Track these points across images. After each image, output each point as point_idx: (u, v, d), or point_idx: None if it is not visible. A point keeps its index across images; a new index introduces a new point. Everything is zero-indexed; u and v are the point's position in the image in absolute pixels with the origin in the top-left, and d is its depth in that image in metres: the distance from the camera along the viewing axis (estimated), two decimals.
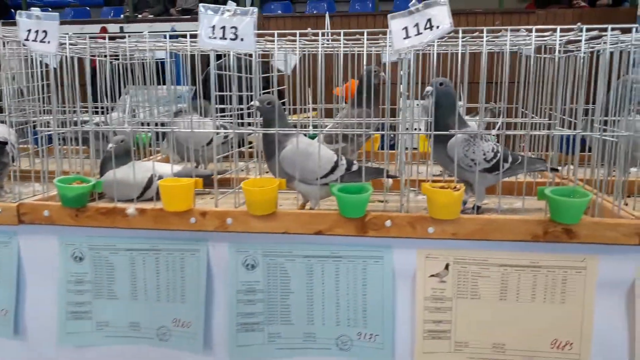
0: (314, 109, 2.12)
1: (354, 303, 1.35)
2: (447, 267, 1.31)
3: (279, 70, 1.88)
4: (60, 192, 1.32)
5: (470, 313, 1.32)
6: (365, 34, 1.30)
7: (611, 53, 1.35)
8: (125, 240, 1.40)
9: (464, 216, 1.23)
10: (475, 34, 1.34)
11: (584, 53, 1.44)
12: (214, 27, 1.24)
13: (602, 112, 1.50)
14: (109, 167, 1.48)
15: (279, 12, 7.98)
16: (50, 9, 8.87)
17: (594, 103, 1.42)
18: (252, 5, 7.33)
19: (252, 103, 1.37)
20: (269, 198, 1.24)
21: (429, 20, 1.17)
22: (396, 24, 1.20)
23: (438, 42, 1.23)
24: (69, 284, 1.44)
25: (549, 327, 1.30)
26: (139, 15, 7.75)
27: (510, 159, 1.38)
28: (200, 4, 1.25)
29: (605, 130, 1.36)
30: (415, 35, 1.18)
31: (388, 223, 1.24)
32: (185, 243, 1.38)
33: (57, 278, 1.43)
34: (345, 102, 2.00)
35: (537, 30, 1.32)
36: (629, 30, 1.32)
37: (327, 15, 1.78)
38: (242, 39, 1.24)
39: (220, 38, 1.24)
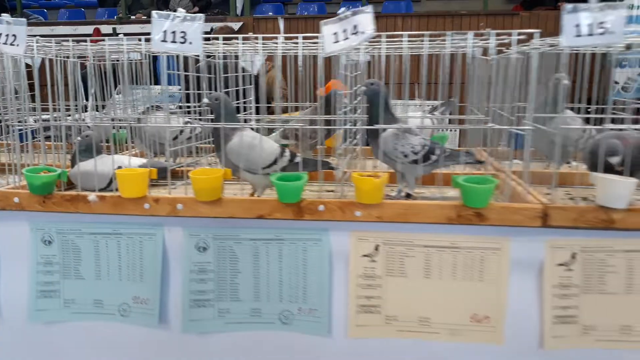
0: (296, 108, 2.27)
1: (295, 281, 1.49)
2: (377, 248, 1.45)
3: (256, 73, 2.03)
4: (28, 180, 1.46)
5: (399, 290, 1.46)
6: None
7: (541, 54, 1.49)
8: (90, 225, 1.54)
9: (387, 201, 1.38)
10: (438, 38, 1.49)
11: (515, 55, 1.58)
12: (165, 31, 1.38)
13: (536, 109, 1.66)
14: (76, 160, 1.62)
15: (270, 13, 8.12)
16: (45, 10, 9.05)
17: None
18: (243, 7, 7.49)
19: (203, 101, 1.51)
20: (214, 186, 1.38)
21: (355, 26, 1.32)
22: (327, 29, 1.35)
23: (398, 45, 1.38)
24: (39, 266, 1.58)
25: (469, 303, 1.44)
26: (133, 17, 7.89)
27: (437, 152, 1.52)
28: (153, 12, 1.39)
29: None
30: (344, 40, 1.33)
31: (321, 208, 1.38)
32: (143, 227, 1.52)
33: (28, 260, 1.57)
34: None
35: (476, 35, 1.47)
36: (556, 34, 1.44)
37: (280, 19, 1.92)
38: (190, 42, 1.39)
39: (171, 42, 1.39)
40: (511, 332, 1.43)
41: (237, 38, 1.60)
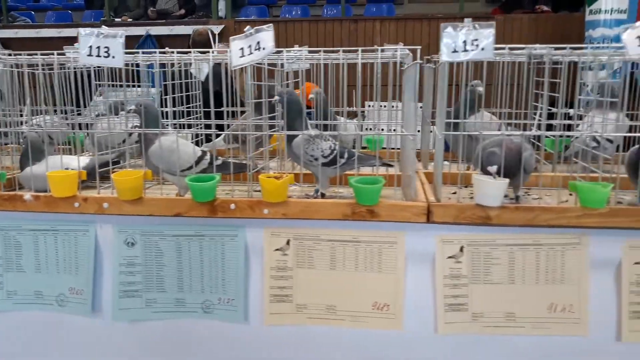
0: None
1: (215, 273, 1.64)
2: (288, 242, 1.60)
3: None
4: None
5: (308, 280, 1.61)
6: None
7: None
8: (30, 222, 1.68)
9: (291, 200, 1.53)
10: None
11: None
12: (91, 46, 1.52)
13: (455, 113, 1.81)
14: (23, 162, 1.77)
15: (253, 17, 8.25)
16: (32, 12, 9.17)
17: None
18: (225, 11, 7.63)
19: (128, 108, 1.65)
20: (133, 186, 1.53)
21: (258, 42, 1.46)
22: (235, 45, 1.49)
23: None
24: None
25: (371, 292, 1.59)
26: (119, 19, 8.02)
27: (346, 156, 1.66)
28: (80, 29, 1.53)
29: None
30: (249, 54, 1.47)
31: (232, 206, 1.53)
32: (78, 225, 1.66)
33: None
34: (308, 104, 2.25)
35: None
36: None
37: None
38: (113, 57, 1.53)
39: (96, 56, 1.53)
40: (410, 319, 1.58)
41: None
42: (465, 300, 1.55)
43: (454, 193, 1.70)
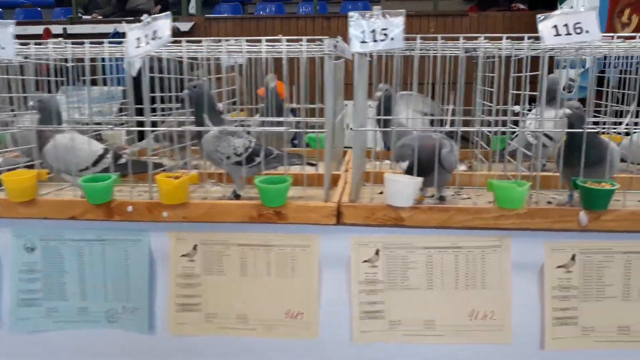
0: (242, 109, 2.29)
1: (118, 280, 1.53)
2: (195, 247, 1.49)
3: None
4: None
5: (218, 288, 1.50)
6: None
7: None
8: None
9: (192, 201, 1.42)
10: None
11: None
12: None
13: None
14: None
15: (225, 14, 8.11)
16: (0, 10, 8.95)
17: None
18: (196, 8, 7.49)
19: (30, 103, 1.54)
20: (25, 186, 1.41)
21: (155, 31, 1.36)
22: (132, 34, 1.38)
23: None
24: None
25: (283, 299, 1.49)
26: (89, 17, 7.86)
27: (262, 154, 1.56)
28: None
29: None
30: (145, 44, 1.37)
31: (130, 208, 1.42)
32: None
33: None
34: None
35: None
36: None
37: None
38: (3, 48, 1.42)
39: None
40: (325, 328, 1.48)
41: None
42: (382, 307, 1.46)
43: (381, 193, 1.60)
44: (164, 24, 1.35)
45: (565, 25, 1.28)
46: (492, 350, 1.45)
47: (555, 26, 1.28)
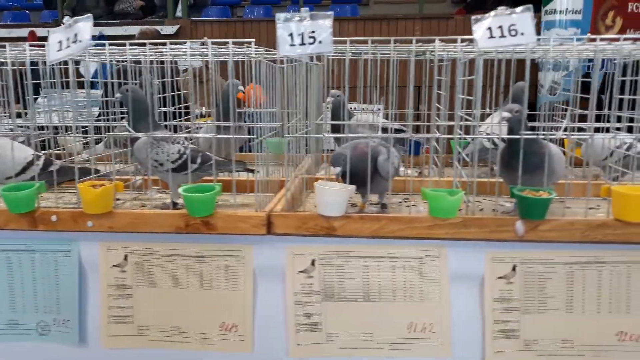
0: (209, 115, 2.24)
1: (49, 292, 1.47)
2: (126, 257, 1.44)
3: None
4: None
5: (149, 299, 1.45)
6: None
7: None
8: None
9: (117, 211, 1.37)
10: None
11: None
12: None
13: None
14: None
15: (213, 17, 8.07)
16: None
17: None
18: (182, 10, 7.45)
19: None
20: None
21: (76, 35, 1.31)
22: (53, 37, 1.34)
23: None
24: None
25: (217, 312, 1.44)
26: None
27: (199, 161, 1.51)
28: None
29: None
30: (66, 47, 1.32)
31: (54, 218, 1.37)
32: None
33: None
34: (248, 106, 2.10)
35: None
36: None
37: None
38: None
39: None
40: (260, 341, 1.43)
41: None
42: (318, 319, 1.41)
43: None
44: (84, 27, 1.30)
45: (500, 27, 1.23)
46: None
47: (489, 28, 1.24)
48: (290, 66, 1.64)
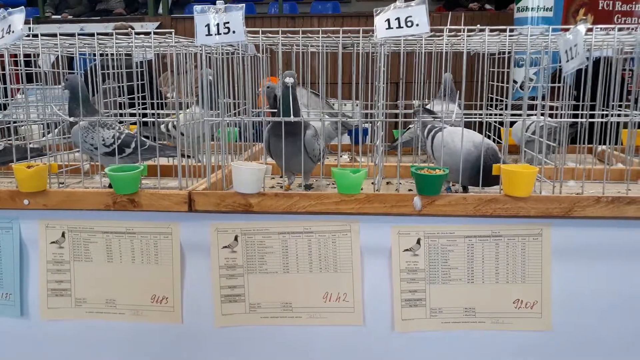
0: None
1: None
2: (63, 234, 1.54)
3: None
4: None
5: (86, 274, 1.55)
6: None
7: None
8: None
9: (51, 190, 1.48)
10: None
11: None
12: None
13: None
14: None
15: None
16: None
17: None
18: (162, 8, 7.53)
19: None
20: None
21: (9, 25, 1.41)
22: None
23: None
24: None
25: (149, 285, 1.54)
26: (59, 16, 7.87)
27: (133, 145, 1.61)
28: None
29: None
30: (1, 37, 1.42)
31: None
32: None
33: None
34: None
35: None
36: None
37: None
38: None
39: None
40: (188, 312, 1.54)
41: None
42: (241, 290, 1.52)
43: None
44: (18, 18, 1.40)
45: (397, 19, 1.35)
46: (345, 331, 1.51)
47: (387, 20, 1.35)
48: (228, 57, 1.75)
